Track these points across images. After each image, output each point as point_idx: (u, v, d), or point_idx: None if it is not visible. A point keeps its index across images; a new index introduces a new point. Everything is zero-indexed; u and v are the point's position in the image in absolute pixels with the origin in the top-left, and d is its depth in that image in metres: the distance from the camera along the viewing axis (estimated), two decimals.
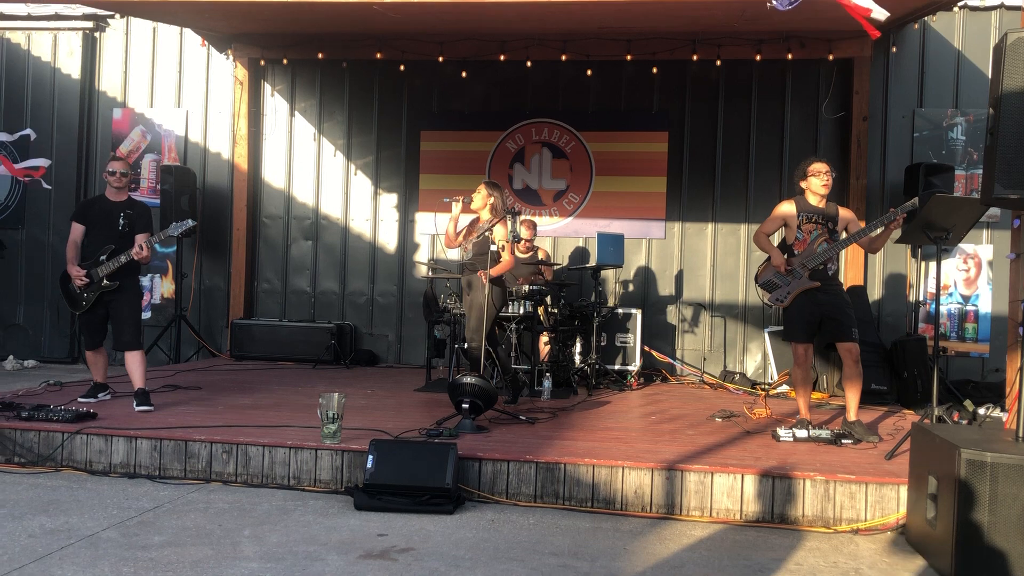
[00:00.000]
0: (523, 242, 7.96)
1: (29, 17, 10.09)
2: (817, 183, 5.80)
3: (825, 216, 5.82)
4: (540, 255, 8.54)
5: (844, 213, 5.94)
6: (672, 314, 9.29)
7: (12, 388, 7.14)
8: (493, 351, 6.66)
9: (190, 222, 6.49)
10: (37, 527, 4.18)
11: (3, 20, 10.18)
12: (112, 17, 10.08)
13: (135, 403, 6.06)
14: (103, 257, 6.17)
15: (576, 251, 9.48)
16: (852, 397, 5.80)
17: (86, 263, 6.24)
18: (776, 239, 6.03)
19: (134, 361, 6.22)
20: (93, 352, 6.46)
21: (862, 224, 6.15)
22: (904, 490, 4.53)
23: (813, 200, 5.85)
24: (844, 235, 5.84)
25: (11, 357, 9.78)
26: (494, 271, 6.36)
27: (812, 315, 5.77)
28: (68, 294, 6.32)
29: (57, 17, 10.05)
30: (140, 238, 6.21)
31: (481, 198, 6.62)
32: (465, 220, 6.86)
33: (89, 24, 10.09)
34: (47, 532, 4.11)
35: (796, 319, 5.84)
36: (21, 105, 10.21)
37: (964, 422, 6.31)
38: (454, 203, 6.65)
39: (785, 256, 5.83)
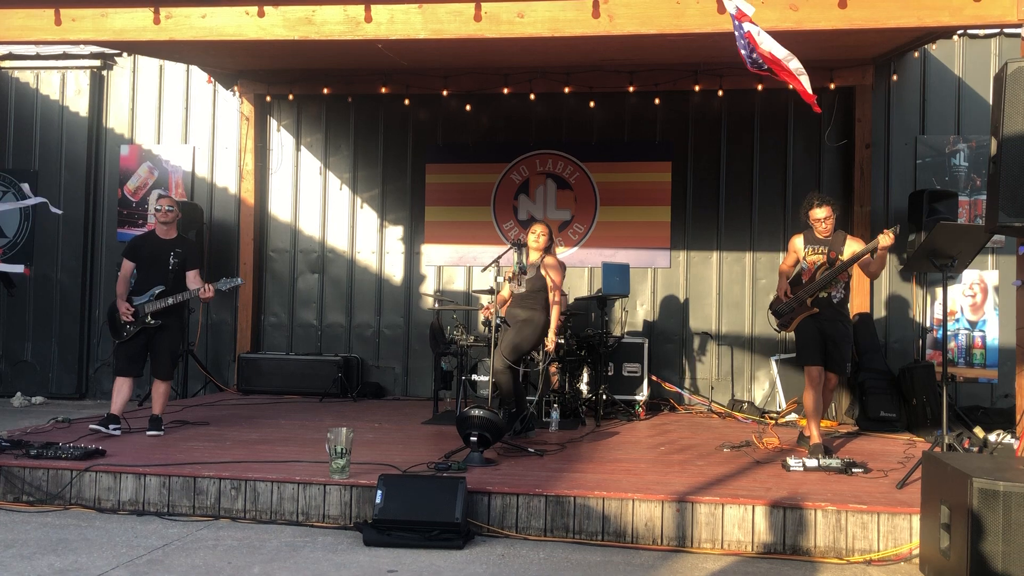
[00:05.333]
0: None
1: (37, 56, 10.20)
2: (818, 227, 6.12)
3: (830, 247, 6.08)
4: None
5: (851, 242, 6.15)
6: (679, 343, 9.28)
7: (20, 425, 7.15)
8: (516, 380, 6.78)
9: (239, 280, 6.91)
10: (46, 567, 4.16)
11: (12, 60, 10.29)
12: (119, 55, 10.19)
13: (148, 427, 6.53)
14: (151, 297, 6.49)
15: (582, 281, 9.49)
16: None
17: (135, 299, 6.55)
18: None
19: (159, 390, 6.66)
20: (122, 379, 6.61)
21: None
22: (916, 520, 4.50)
23: (818, 234, 6.14)
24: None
25: (19, 394, 9.80)
26: (555, 324, 6.76)
27: (819, 339, 6.05)
28: (112, 323, 6.63)
29: (65, 56, 10.16)
30: (192, 276, 6.64)
31: (537, 238, 6.87)
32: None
33: (96, 63, 10.20)
34: (56, 572, 4.10)
35: (808, 342, 6.09)
36: (30, 143, 10.30)
37: (975, 449, 6.27)
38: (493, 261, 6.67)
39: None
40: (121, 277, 6.67)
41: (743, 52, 4.82)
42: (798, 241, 6.25)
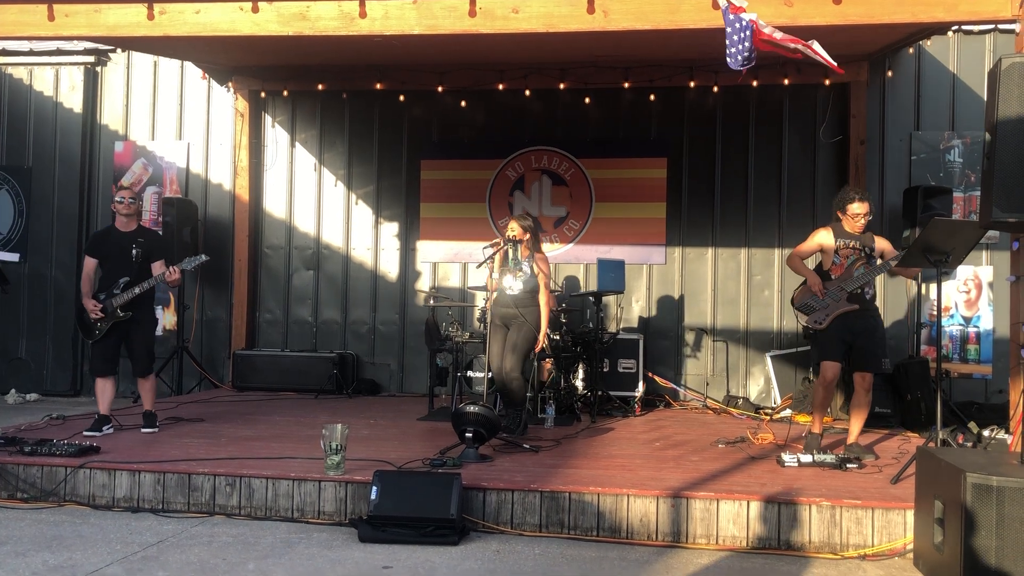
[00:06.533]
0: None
1: (31, 52, 10.17)
2: (853, 224, 5.93)
3: (862, 243, 5.94)
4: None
5: (880, 242, 6.05)
6: (674, 339, 9.28)
7: (15, 422, 7.12)
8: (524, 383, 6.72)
9: (203, 257, 6.69)
10: (40, 564, 4.16)
11: (5, 56, 10.26)
12: (113, 51, 10.16)
13: (142, 423, 6.54)
14: (116, 290, 6.36)
15: (577, 278, 9.49)
16: (857, 423, 5.98)
17: (101, 294, 6.42)
18: (810, 264, 6.11)
19: (145, 386, 6.67)
20: (103, 379, 6.54)
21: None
22: (911, 515, 4.51)
23: (850, 229, 5.96)
24: (879, 261, 5.91)
25: (13, 391, 9.78)
26: (545, 323, 6.60)
27: (846, 339, 5.87)
28: (83, 324, 6.52)
29: (59, 52, 10.14)
30: (158, 266, 6.47)
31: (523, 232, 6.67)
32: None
33: (91, 59, 10.17)
34: (50, 569, 4.09)
35: (833, 340, 5.89)
36: (23, 139, 10.27)
37: (969, 445, 6.29)
38: (487, 258, 6.60)
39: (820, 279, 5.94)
40: (85, 275, 6.56)
41: (736, 47, 4.79)
42: (825, 235, 5.99)
